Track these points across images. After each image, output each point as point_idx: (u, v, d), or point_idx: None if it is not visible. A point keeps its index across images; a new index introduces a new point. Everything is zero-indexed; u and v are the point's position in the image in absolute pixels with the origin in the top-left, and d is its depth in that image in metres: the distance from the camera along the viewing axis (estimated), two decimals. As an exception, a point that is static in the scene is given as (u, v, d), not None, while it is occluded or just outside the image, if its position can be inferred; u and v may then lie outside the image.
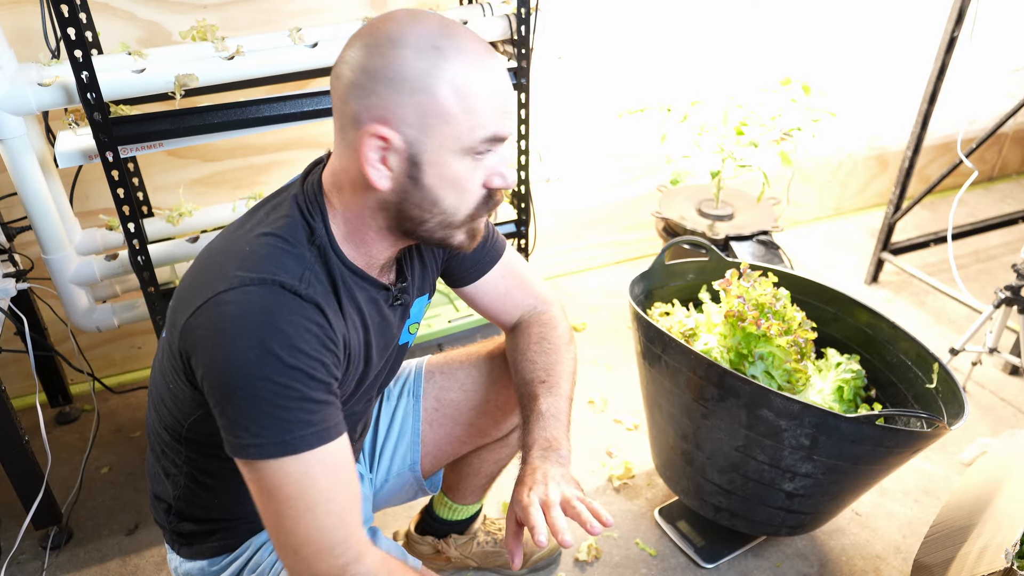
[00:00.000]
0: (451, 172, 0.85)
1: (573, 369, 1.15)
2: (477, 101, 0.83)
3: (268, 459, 0.81)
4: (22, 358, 1.68)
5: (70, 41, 1.26)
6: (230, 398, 0.81)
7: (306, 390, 0.82)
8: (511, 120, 0.88)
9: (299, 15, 1.85)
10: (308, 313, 0.83)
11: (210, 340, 0.81)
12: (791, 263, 2.10)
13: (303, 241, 0.88)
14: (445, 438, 1.30)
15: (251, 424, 0.80)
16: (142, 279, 1.53)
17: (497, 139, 0.86)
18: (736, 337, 1.46)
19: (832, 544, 1.65)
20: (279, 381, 0.80)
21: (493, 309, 1.20)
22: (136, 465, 1.85)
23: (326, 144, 2.06)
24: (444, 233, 0.91)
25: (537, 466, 0.98)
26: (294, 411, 0.81)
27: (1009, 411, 2.03)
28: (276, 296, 0.82)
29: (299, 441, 0.81)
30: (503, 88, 0.86)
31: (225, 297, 0.81)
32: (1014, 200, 3.20)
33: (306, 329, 0.82)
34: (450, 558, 1.53)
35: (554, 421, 1.04)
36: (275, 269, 0.84)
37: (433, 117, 0.82)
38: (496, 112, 0.85)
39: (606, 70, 2.32)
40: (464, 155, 0.85)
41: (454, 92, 0.81)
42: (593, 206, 2.57)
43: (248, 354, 0.79)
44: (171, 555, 1.11)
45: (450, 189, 0.86)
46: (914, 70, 2.75)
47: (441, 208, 0.87)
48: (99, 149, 1.37)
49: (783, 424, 1.28)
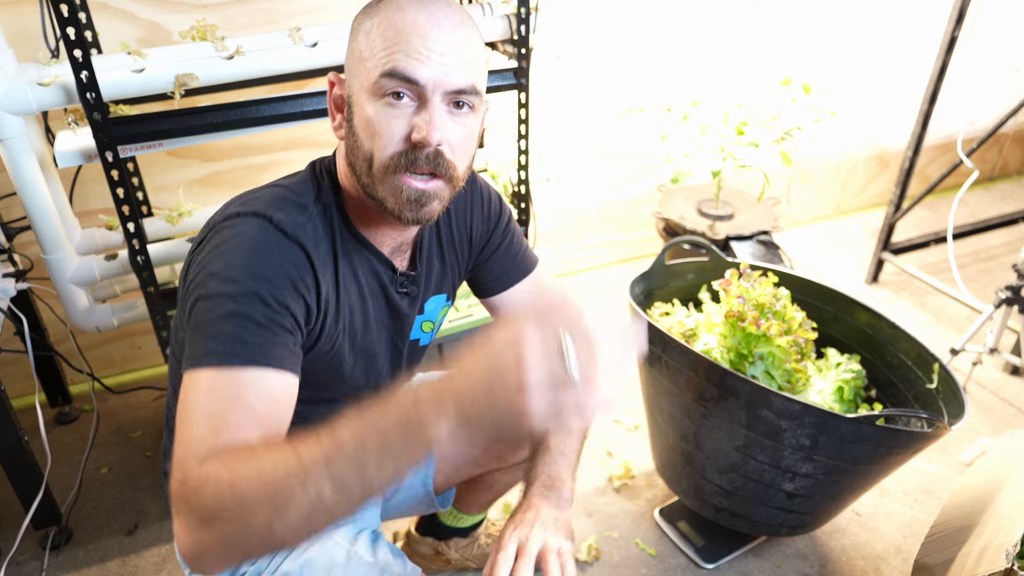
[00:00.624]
0: (365, 114, 0.85)
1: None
2: (381, 40, 0.83)
3: (200, 368, 0.78)
4: (22, 358, 1.68)
5: (69, 41, 1.26)
6: (194, 310, 0.82)
7: (257, 313, 0.81)
8: (425, 64, 0.82)
9: (299, 15, 1.85)
10: (288, 252, 0.85)
11: (199, 258, 0.85)
12: (791, 263, 2.10)
13: (310, 196, 0.91)
14: (461, 458, 1.29)
15: (201, 337, 0.79)
16: (142, 279, 1.53)
17: (393, 75, 0.82)
18: (736, 337, 1.46)
19: (832, 544, 1.65)
20: (238, 300, 0.80)
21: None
22: (136, 465, 1.85)
23: (326, 144, 2.06)
24: (376, 188, 0.88)
25: (533, 504, 0.97)
26: (239, 329, 0.79)
27: (1009, 411, 2.03)
28: (263, 230, 0.85)
29: (230, 355, 0.78)
30: (416, 29, 0.82)
31: (221, 227, 0.86)
32: (1014, 200, 3.20)
33: (278, 265, 0.84)
34: (450, 560, 1.53)
35: (561, 459, 1.03)
36: (271, 209, 0.87)
37: (356, 58, 0.86)
38: (395, 49, 0.82)
39: (606, 70, 2.32)
40: (372, 95, 0.84)
41: (368, 33, 0.85)
42: (593, 206, 2.57)
43: (223, 272, 0.81)
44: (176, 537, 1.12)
45: (366, 132, 0.86)
46: (914, 70, 2.75)
47: (364, 154, 0.87)
48: (99, 149, 1.37)
49: (783, 424, 1.28)
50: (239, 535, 0.69)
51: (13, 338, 1.74)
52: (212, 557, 0.71)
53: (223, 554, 0.71)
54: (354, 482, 0.68)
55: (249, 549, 0.71)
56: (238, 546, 0.70)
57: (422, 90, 0.83)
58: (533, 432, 0.65)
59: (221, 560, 0.72)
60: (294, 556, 1.04)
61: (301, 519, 0.69)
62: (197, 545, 0.71)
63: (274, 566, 1.04)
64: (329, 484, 0.68)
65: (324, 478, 0.67)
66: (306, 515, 0.68)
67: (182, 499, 0.71)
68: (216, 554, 0.71)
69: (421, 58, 0.82)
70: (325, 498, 0.68)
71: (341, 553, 1.03)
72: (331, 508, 0.69)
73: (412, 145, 0.85)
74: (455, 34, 0.84)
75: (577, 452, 1.06)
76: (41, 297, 1.80)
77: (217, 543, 0.70)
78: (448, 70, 0.83)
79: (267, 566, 1.04)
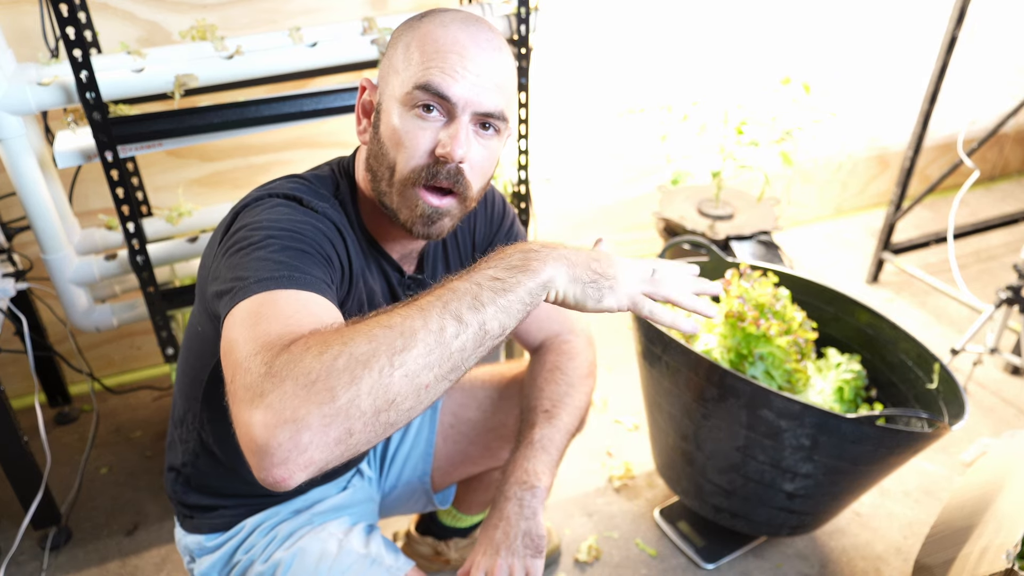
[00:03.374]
0: (393, 122, 0.87)
1: (584, 404, 1.12)
2: (420, 53, 0.85)
3: (253, 295, 0.73)
4: (21, 358, 1.68)
5: (69, 41, 1.26)
6: (231, 259, 0.78)
7: (307, 249, 0.81)
8: (459, 82, 0.83)
9: (299, 15, 1.85)
10: (323, 224, 0.87)
11: (227, 237, 0.84)
12: (791, 263, 2.10)
13: (328, 191, 0.94)
14: (458, 455, 1.29)
15: (248, 271, 0.75)
16: (141, 279, 1.53)
17: (427, 89, 0.83)
18: (736, 337, 1.46)
19: (833, 544, 1.65)
20: (284, 239, 0.80)
21: (517, 328, 1.19)
22: (136, 465, 1.85)
23: (326, 144, 2.06)
24: (392, 198, 0.89)
25: (505, 515, 0.97)
26: (287, 257, 0.78)
27: (1010, 411, 2.02)
28: (295, 207, 0.86)
29: (286, 279, 0.75)
30: (456, 47, 0.84)
31: (251, 207, 0.87)
32: (1015, 200, 3.20)
33: (317, 229, 0.85)
34: (449, 560, 1.53)
35: (542, 453, 1.02)
36: (298, 193, 0.89)
37: (391, 68, 0.88)
38: (432, 64, 0.83)
39: (606, 70, 2.32)
40: (403, 105, 0.86)
41: (408, 45, 0.86)
42: (593, 206, 2.56)
43: (266, 224, 0.82)
44: (176, 528, 1.15)
45: (391, 140, 0.87)
46: (914, 70, 2.75)
47: (388, 162, 0.88)
48: (98, 149, 1.37)
49: (783, 424, 1.28)
50: (349, 388, 0.61)
51: (13, 338, 1.74)
52: (313, 431, 0.60)
53: (326, 424, 0.61)
54: (473, 321, 0.68)
55: (357, 409, 0.62)
56: (347, 407, 0.61)
57: (452, 107, 0.84)
58: (610, 308, 0.79)
59: (323, 435, 0.61)
60: (287, 546, 1.05)
61: (422, 359, 0.65)
62: (295, 421, 0.60)
63: (267, 554, 1.05)
64: (451, 321, 0.67)
65: (445, 315, 0.67)
66: (427, 353, 0.65)
67: (269, 377, 0.62)
68: (318, 425, 0.60)
69: (457, 76, 0.83)
70: (447, 336, 0.66)
71: (333, 543, 1.04)
72: (452, 349, 0.67)
73: (435, 159, 0.86)
74: (493, 58, 0.86)
75: (560, 448, 1.06)
76: (41, 297, 1.80)
77: (320, 408, 0.60)
78: (481, 91, 0.85)
79: (260, 554, 1.05)
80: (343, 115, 1.54)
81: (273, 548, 1.05)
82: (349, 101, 1.53)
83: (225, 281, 0.77)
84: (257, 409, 0.61)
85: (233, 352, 0.68)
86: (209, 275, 0.84)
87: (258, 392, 0.62)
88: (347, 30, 1.57)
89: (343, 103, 1.53)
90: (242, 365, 0.66)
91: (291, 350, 0.64)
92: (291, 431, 0.60)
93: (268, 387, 0.62)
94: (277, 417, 0.60)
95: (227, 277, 0.77)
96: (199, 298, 0.93)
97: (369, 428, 0.63)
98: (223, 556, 1.09)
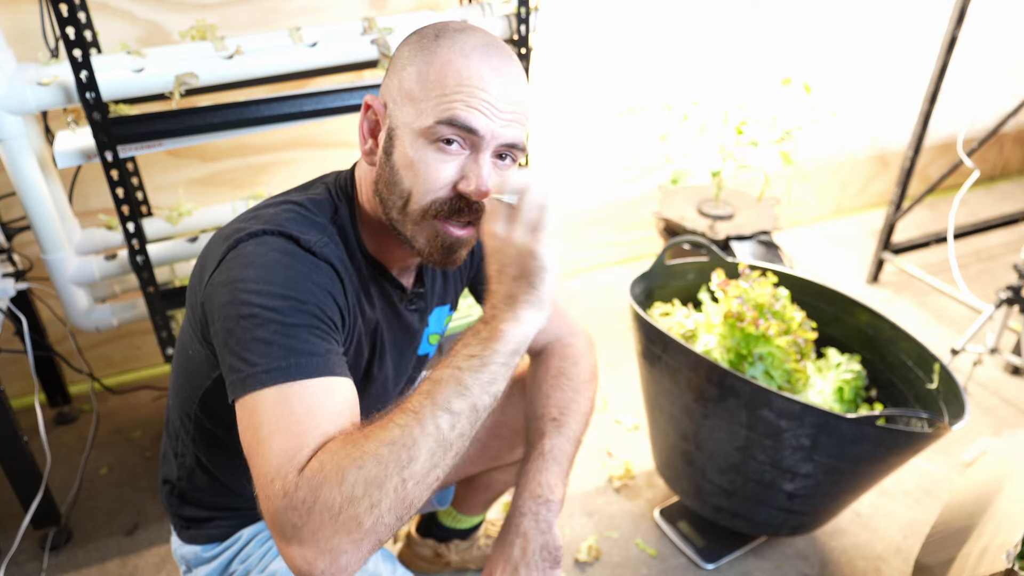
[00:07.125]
0: (410, 153, 0.84)
1: (589, 409, 1.11)
2: (440, 84, 0.82)
3: (264, 387, 0.75)
4: (21, 358, 1.68)
5: (69, 40, 1.26)
6: (232, 329, 0.78)
7: (312, 325, 0.79)
8: (486, 116, 0.82)
9: (299, 14, 1.85)
10: (322, 269, 0.84)
11: (223, 276, 0.81)
12: (791, 263, 2.10)
13: (326, 216, 0.90)
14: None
15: (254, 355, 0.76)
16: (141, 279, 1.53)
17: (452, 124, 0.81)
18: (735, 337, 1.46)
19: (833, 544, 1.65)
20: (288, 314, 0.78)
21: None
22: (135, 465, 1.85)
23: (326, 144, 2.06)
24: (406, 226, 0.87)
25: (522, 531, 0.97)
26: (293, 339, 0.77)
27: (1010, 411, 2.02)
28: (292, 248, 0.83)
29: (294, 368, 0.75)
30: (481, 82, 0.82)
31: (244, 244, 0.83)
32: (1015, 200, 3.20)
33: (318, 280, 0.82)
34: (450, 562, 1.53)
35: (554, 464, 1.02)
36: (293, 227, 0.84)
37: (404, 93, 0.85)
38: (455, 97, 0.81)
39: (606, 69, 2.32)
40: (421, 137, 0.83)
41: (423, 72, 0.83)
42: (593, 205, 2.56)
43: (265, 288, 0.78)
44: (173, 537, 1.14)
45: (408, 171, 0.84)
46: (914, 70, 2.75)
47: (400, 191, 0.85)
48: (98, 149, 1.37)
49: (783, 424, 1.28)
50: (372, 512, 0.69)
51: (13, 338, 1.74)
52: (348, 554, 0.69)
53: (359, 544, 0.69)
54: (464, 408, 0.74)
55: (383, 525, 0.70)
56: (373, 527, 0.69)
57: (478, 141, 0.83)
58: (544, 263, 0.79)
59: (358, 552, 0.70)
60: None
61: (428, 463, 0.72)
62: (330, 551, 0.69)
63: (263, 564, 1.05)
64: (444, 416, 0.73)
65: (437, 413, 0.73)
66: (430, 457, 0.72)
67: (294, 509, 0.69)
68: (352, 549, 0.69)
69: (483, 109, 0.82)
70: (443, 432, 0.73)
71: None
72: (451, 440, 0.73)
73: (456, 194, 0.85)
74: (516, 90, 0.85)
75: (570, 457, 1.05)
76: (41, 297, 1.80)
77: (350, 535, 0.69)
78: (506, 125, 0.84)
79: (256, 564, 1.05)
80: (343, 115, 1.53)
81: (269, 559, 1.05)
82: (349, 101, 1.53)
83: (231, 353, 0.77)
84: (292, 544, 0.70)
85: (250, 456, 0.74)
86: (206, 315, 0.82)
87: (289, 523, 0.69)
88: (347, 30, 1.57)
89: (343, 103, 1.53)
90: (260, 482, 0.72)
91: (305, 476, 0.70)
92: (329, 559, 0.69)
93: (297, 520, 0.69)
94: (314, 551, 0.69)
95: (233, 349, 0.77)
96: (189, 318, 0.91)
97: (395, 527, 0.72)
98: (219, 566, 1.08)
